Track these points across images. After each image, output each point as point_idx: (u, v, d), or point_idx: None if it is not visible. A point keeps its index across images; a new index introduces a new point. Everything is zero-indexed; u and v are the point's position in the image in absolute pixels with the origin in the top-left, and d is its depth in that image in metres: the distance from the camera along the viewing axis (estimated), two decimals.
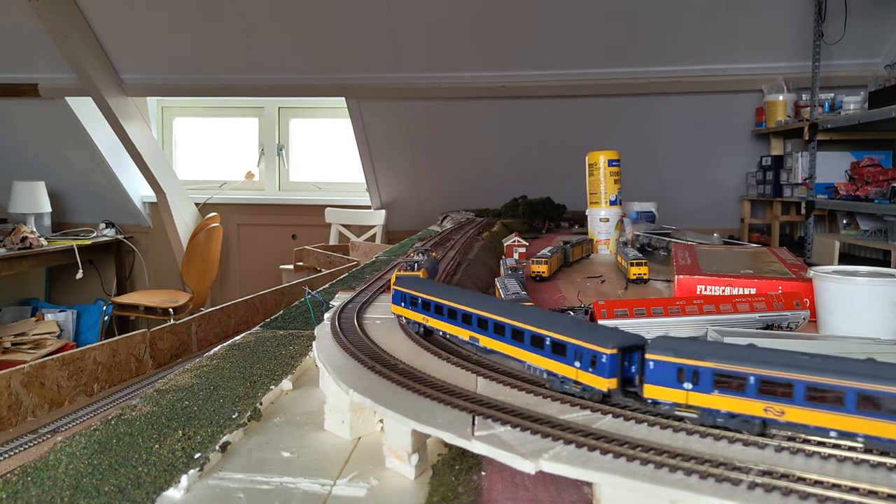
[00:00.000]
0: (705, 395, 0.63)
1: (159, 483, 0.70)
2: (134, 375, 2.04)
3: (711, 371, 0.63)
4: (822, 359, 0.60)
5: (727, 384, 0.62)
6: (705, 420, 0.64)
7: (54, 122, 5.40)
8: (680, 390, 0.65)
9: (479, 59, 4.71)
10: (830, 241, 3.78)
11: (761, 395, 0.60)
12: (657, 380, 0.66)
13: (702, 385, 0.63)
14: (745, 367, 0.61)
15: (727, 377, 0.62)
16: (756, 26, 4.34)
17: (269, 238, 5.99)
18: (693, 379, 0.64)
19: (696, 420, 0.65)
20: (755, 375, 0.61)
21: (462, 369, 0.86)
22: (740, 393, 0.62)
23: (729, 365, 0.62)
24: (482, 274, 2.03)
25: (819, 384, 0.58)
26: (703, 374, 0.63)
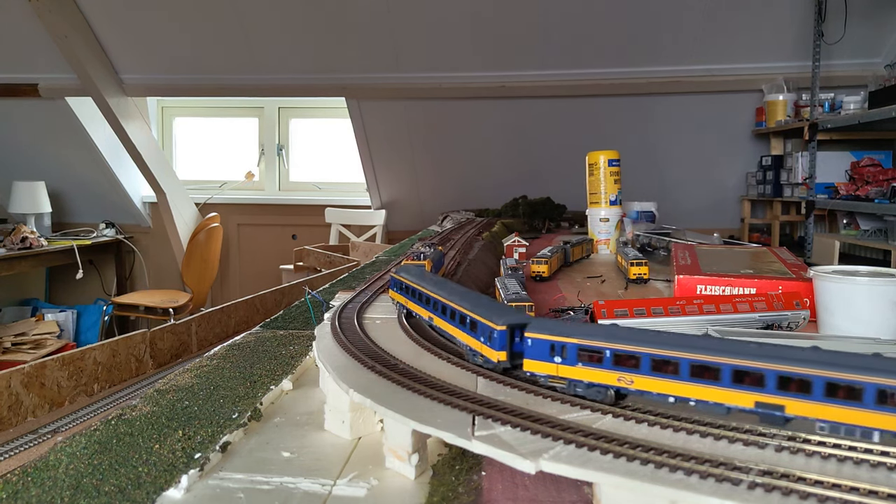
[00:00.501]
0: (571, 368, 0.73)
1: (159, 483, 0.70)
2: (134, 375, 2.04)
3: (576, 346, 0.72)
4: (665, 335, 0.70)
5: (588, 357, 0.72)
6: (570, 389, 0.74)
7: (54, 122, 5.40)
8: (551, 363, 0.75)
9: (479, 59, 4.71)
10: (830, 241, 3.78)
11: (615, 366, 0.70)
12: (534, 355, 0.76)
13: (568, 359, 0.73)
14: (602, 343, 0.71)
15: (587, 351, 0.72)
16: (756, 26, 4.34)
17: (269, 238, 5.99)
18: (562, 353, 0.74)
19: (563, 389, 0.74)
20: (609, 349, 0.70)
21: (462, 369, 0.86)
22: (598, 365, 0.71)
23: (589, 341, 0.72)
24: (482, 274, 2.03)
25: (660, 356, 0.67)
26: (569, 349, 0.73)
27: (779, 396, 0.61)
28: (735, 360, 0.63)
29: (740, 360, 0.63)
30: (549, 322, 0.78)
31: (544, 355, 0.75)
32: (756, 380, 0.62)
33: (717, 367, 0.64)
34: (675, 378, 0.66)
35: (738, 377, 0.63)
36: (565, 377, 0.74)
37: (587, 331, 0.73)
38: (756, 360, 0.62)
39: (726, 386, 0.63)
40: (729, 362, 0.63)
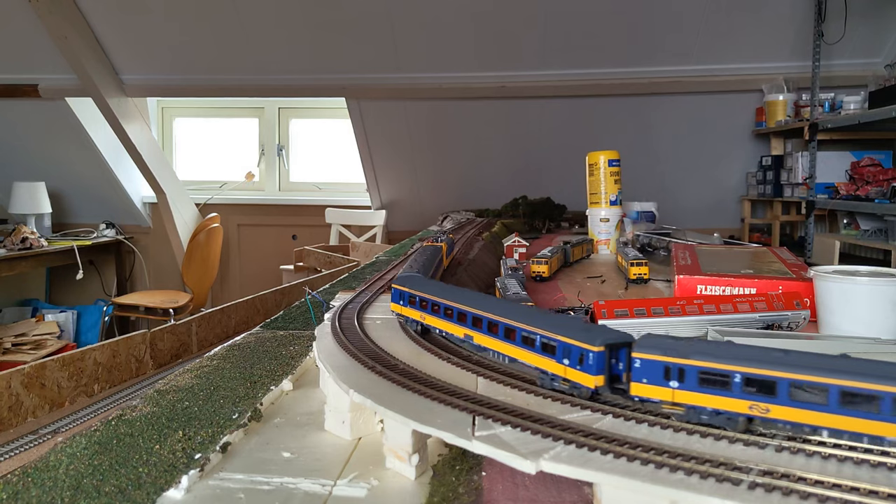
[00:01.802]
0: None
1: (160, 483, 0.70)
2: (134, 376, 2.04)
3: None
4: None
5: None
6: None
7: (54, 122, 5.40)
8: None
9: (479, 60, 4.71)
10: (831, 241, 3.78)
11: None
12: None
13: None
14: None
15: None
16: (756, 26, 4.34)
17: (270, 238, 5.99)
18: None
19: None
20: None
21: (462, 369, 0.86)
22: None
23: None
24: (482, 274, 2.03)
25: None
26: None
27: None
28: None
29: None
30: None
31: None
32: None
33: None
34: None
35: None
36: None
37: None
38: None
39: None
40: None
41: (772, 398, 0.60)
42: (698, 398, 0.64)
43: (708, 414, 0.64)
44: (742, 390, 0.62)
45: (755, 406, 0.61)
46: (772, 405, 0.60)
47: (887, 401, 0.54)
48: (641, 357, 0.68)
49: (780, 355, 0.62)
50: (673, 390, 0.65)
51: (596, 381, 0.70)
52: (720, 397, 0.63)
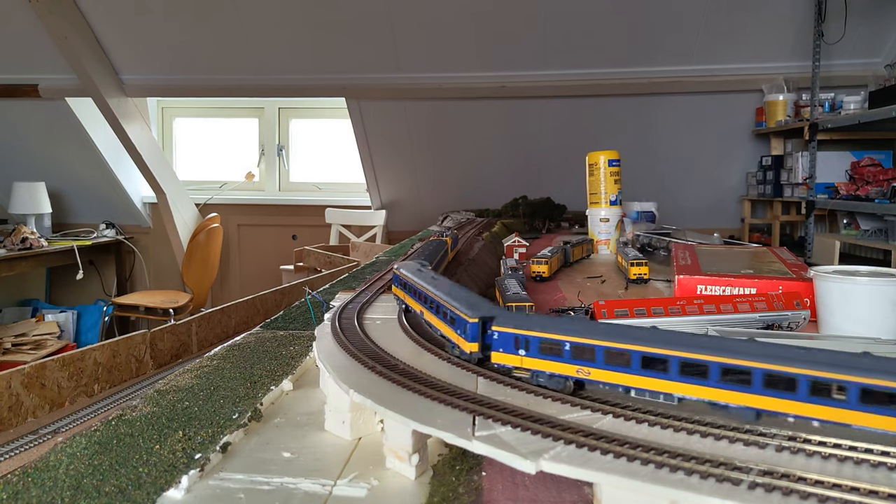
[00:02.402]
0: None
1: (160, 483, 0.70)
2: (134, 376, 2.04)
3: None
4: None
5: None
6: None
7: (54, 122, 5.40)
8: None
9: (479, 60, 4.71)
10: (831, 241, 3.78)
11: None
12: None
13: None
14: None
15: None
16: (756, 26, 4.34)
17: (270, 238, 6.00)
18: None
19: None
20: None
21: (462, 369, 0.86)
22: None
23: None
24: (482, 274, 2.03)
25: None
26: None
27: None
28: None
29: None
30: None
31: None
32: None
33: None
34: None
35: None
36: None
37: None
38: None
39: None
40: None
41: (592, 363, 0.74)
42: (539, 364, 0.77)
43: (545, 377, 0.76)
44: (571, 357, 0.76)
45: (581, 370, 0.75)
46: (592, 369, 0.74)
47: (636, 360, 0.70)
48: (500, 330, 0.80)
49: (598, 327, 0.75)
50: (521, 357, 0.79)
51: (471, 348, 0.84)
52: (554, 362, 0.76)
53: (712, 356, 0.65)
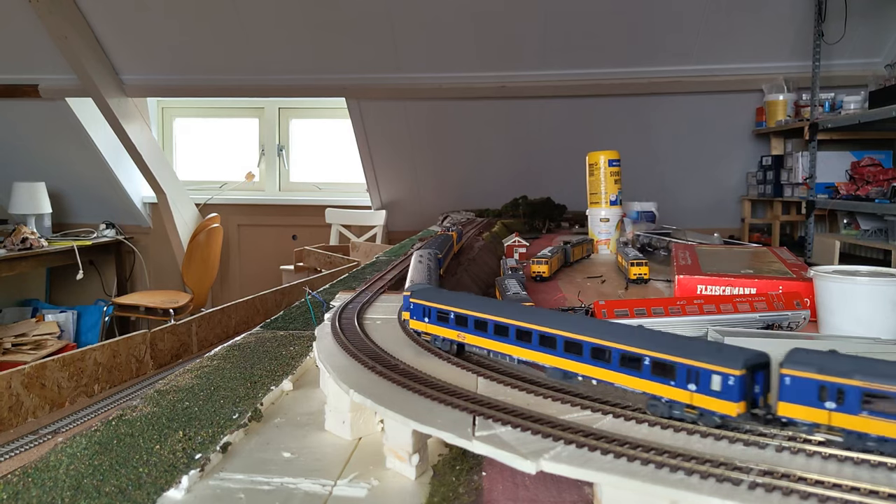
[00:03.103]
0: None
1: (160, 484, 0.70)
2: (134, 376, 2.04)
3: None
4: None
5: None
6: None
7: (55, 122, 5.40)
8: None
9: (479, 60, 4.71)
10: (831, 241, 3.78)
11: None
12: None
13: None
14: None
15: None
16: (756, 26, 4.34)
17: (270, 238, 5.99)
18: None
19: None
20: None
21: (462, 369, 0.86)
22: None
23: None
24: (483, 274, 2.03)
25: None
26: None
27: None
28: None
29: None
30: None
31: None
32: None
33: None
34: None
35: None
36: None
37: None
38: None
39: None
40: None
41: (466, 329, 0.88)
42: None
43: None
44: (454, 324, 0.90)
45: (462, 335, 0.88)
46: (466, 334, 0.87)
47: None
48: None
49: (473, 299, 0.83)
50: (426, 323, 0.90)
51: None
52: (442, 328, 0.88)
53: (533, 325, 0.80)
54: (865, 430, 0.57)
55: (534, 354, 0.81)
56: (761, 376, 0.65)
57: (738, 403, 0.62)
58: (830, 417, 0.59)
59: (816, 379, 0.60)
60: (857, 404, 0.57)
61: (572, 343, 0.77)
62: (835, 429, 0.59)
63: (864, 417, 0.57)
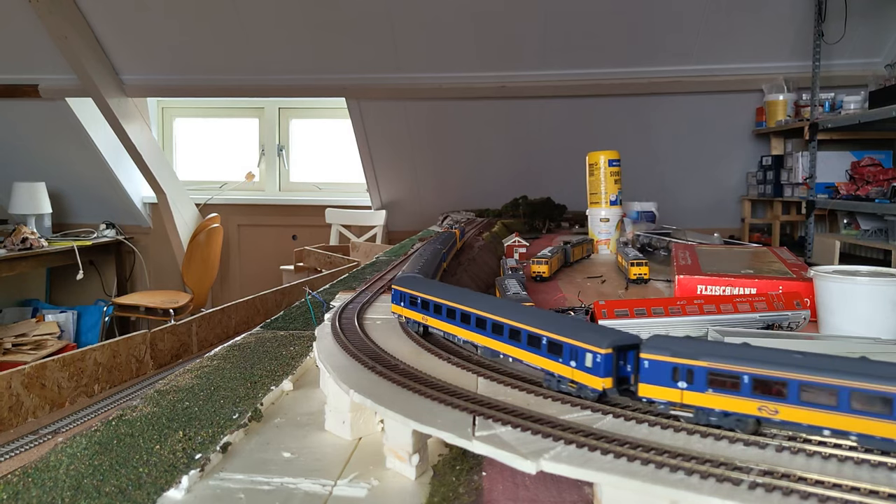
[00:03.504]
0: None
1: (160, 484, 0.70)
2: (134, 376, 2.04)
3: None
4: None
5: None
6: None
7: (55, 122, 5.40)
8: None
9: (479, 60, 4.71)
10: (831, 241, 3.78)
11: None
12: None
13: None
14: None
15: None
16: (756, 26, 4.34)
17: (270, 238, 5.99)
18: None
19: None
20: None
21: (463, 370, 0.86)
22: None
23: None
24: (483, 274, 2.03)
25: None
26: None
27: None
28: None
29: None
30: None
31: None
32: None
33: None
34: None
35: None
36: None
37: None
38: None
39: None
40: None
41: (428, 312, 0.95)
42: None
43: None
44: (420, 308, 1.00)
45: (425, 318, 0.97)
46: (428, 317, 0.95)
47: None
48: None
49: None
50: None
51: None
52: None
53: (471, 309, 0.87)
54: (711, 406, 0.64)
55: (471, 335, 0.92)
56: (631, 356, 0.71)
57: (604, 379, 0.70)
58: (682, 396, 0.65)
59: (670, 361, 0.66)
60: (703, 383, 0.64)
61: (497, 325, 0.86)
62: (686, 406, 0.65)
63: (709, 395, 0.64)
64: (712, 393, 0.64)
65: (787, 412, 0.60)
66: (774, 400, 0.61)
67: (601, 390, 0.71)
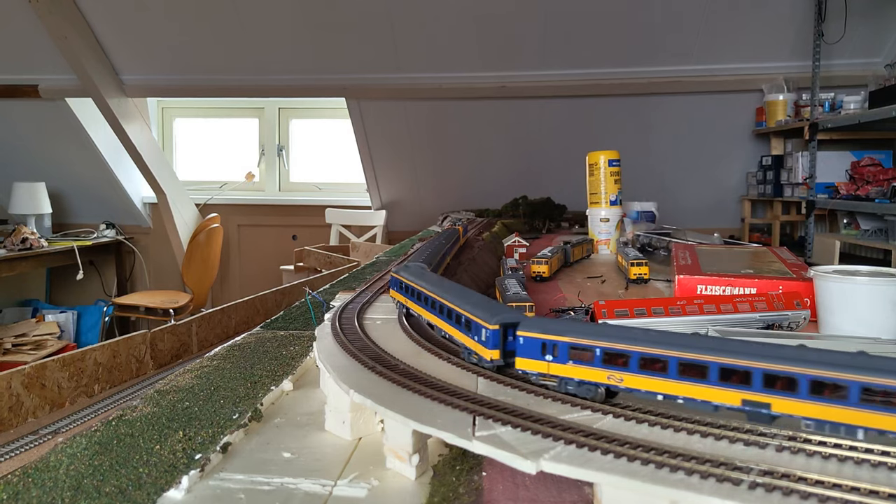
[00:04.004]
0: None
1: (160, 484, 0.70)
2: (134, 376, 2.04)
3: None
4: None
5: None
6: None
7: (55, 122, 5.40)
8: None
9: (479, 60, 4.71)
10: (831, 241, 3.78)
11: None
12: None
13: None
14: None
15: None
16: (756, 26, 4.34)
17: (270, 238, 6.00)
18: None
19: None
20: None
21: (463, 369, 0.86)
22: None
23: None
24: (483, 274, 2.03)
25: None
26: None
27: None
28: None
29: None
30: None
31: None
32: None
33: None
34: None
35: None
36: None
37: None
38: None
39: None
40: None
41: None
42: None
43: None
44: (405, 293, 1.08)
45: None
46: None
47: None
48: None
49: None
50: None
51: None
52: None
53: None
54: (571, 375, 0.74)
55: (434, 318, 1.01)
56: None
57: (492, 351, 0.81)
58: (549, 367, 0.75)
59: (540, 338, 0.76)
60: (565, 356, 0.74)
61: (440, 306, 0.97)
62: (551, 376, 0.75)
63: (570, 366, 0.74)
64: (572, 364, 0.73)
65: (629, 380, 0.70)
66: (620, 370, 0.70)
67: (489, 361, 0.81)
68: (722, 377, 0.64)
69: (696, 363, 0.66)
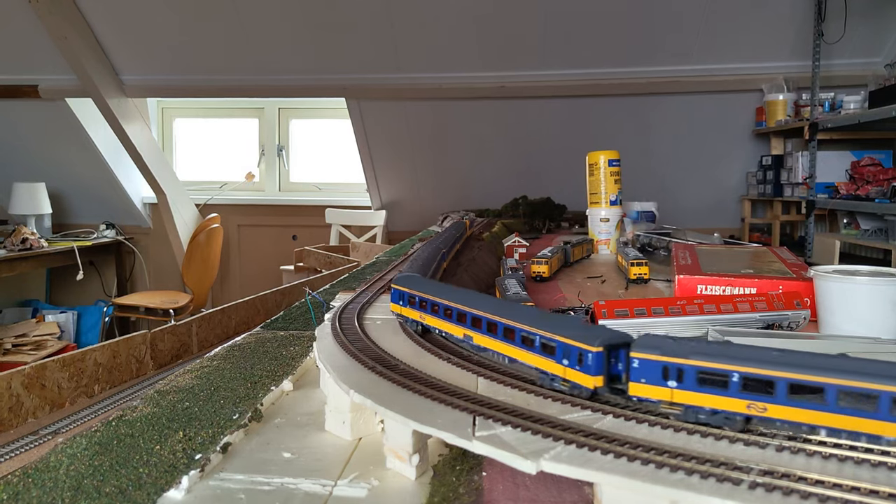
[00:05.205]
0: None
1: (160, 484, 0.70)
2: (134, 376, 2.04)
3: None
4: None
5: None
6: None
7: (54, 123, 5.40)
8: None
9: (479, 60, 4.71)
10: (831, 241, 3.78)
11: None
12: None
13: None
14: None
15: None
16: (756, 26, 4.34)
17: (270, 239, 6.00)
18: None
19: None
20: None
21: (462, 369, 0.86)
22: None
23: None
24: (482, 274, 2.03)
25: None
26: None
27: None
28: None
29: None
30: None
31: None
32: None
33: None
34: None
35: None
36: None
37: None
38: None
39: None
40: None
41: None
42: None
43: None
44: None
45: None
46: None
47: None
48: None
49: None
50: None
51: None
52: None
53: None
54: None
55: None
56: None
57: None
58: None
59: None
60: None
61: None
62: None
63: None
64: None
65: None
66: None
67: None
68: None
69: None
